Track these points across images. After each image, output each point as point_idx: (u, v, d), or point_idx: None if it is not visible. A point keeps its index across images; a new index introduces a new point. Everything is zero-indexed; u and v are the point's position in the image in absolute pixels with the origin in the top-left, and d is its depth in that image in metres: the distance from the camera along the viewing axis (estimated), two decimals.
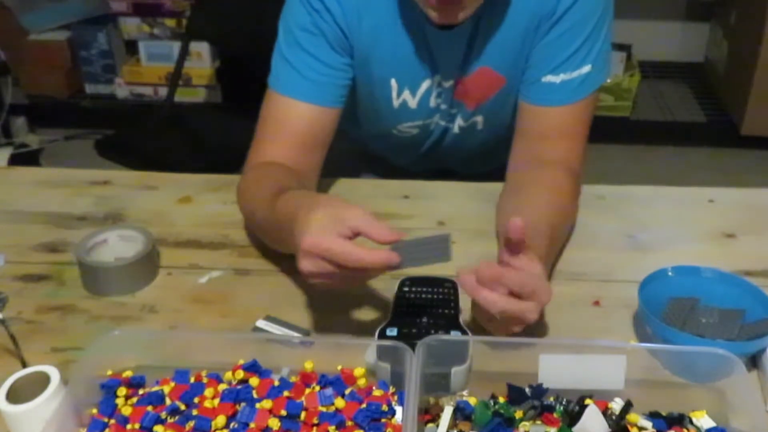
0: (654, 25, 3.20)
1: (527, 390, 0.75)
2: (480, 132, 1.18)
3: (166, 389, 0.76)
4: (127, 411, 0.73)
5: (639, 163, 2.82)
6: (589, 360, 0.75)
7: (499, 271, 0.75)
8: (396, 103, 1.11)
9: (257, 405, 0.73)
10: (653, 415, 0.74)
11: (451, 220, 1.11)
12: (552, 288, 0.78)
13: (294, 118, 1.04)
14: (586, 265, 1.00)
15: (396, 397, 0.74)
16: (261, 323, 0.87)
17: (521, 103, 1.08)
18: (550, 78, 1.03)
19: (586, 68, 1.02)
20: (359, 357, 0.78)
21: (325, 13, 1.01)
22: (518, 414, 0.73)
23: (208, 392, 0.74)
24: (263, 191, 0.94)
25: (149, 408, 0.74)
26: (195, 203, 1.17)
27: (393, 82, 1.09)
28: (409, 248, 0.77)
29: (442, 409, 0.74)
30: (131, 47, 3.11)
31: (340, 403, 0.73)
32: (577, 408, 0.73)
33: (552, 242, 0.94)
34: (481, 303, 0.76)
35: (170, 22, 3.00)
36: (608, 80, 2.84)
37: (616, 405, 0.74)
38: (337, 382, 0.76)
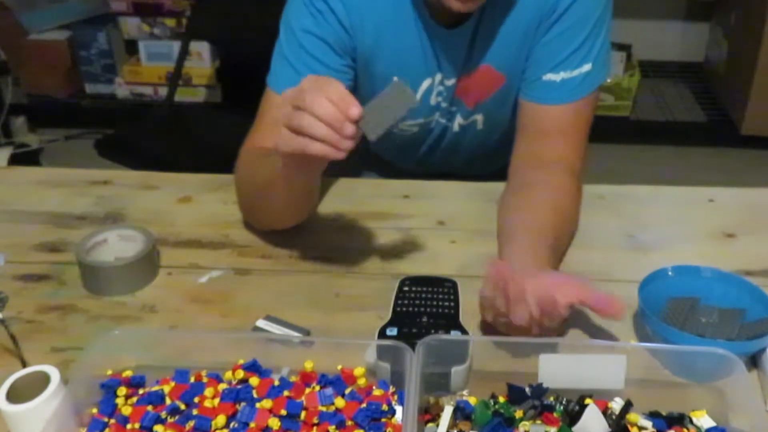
0: (654, 25, 3.20)
1: (527, 390, 0.75)
2: (480, 132, 1.18)
3: (166, 389, 0.76)
4: (127, 411, 0.73)
5: (639, 163, 2.82)
6: (589, 360, 0.75)
7: (522, 292, 0.75)
8: None
9: (257, 405, 0.73)
10: (653, 415, 0.74)
11: (451, 220, 1.11)
12: None
13: None
14: (586, 265, 1.00)
15: (396, 397, 0.74)
16: (261, 323, 0.87)
17: (522, 101, 1.08)
18: (550, 76, 1.03)
19: (586, 67, 1.03)
20: (359, 357, 0.78)
21: (329, 14, 1.01)
22: (518, 414, 0.73)
23: (208, 392, 0.74)
24: (262, 156, 0.92)
25: (149, 408, 0.74)
26: (195, 203, 1.17)
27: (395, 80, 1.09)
28: (373, 113, 0.78)
29: (442, 409, 0.74)
30: (131, 47, 3.10)
31: (340, 402, 0.73)
32: (577, 408, 0.73)
33: (555, 252, 0.94)
34: (513, 309, 0.76)
35: (170, 22, 3.00)
36: (608, 80, 2.84)
37: (616, 405, 0.74)
38: (337, 382, 0.76)
